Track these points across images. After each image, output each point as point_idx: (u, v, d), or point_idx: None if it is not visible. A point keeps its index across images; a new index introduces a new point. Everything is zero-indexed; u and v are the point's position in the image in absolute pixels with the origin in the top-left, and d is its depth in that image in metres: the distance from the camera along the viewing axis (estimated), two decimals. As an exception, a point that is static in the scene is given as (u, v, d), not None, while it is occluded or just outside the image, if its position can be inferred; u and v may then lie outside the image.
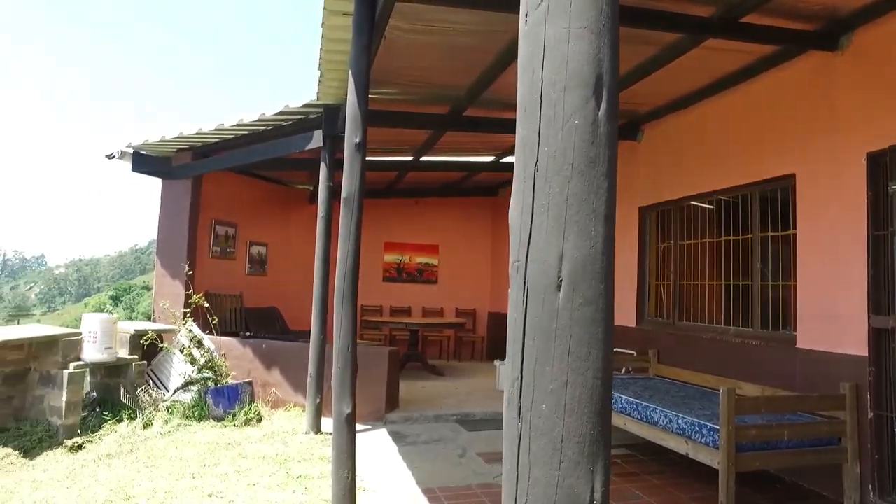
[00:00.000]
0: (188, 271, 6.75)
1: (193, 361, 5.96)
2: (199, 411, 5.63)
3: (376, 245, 10.03)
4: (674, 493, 3.85)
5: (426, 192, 10.14)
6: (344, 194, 3.33)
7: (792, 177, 4.33)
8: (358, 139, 3.33)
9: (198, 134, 6.21)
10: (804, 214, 4.20)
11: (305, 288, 6.70)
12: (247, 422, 5.48)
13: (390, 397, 5.78)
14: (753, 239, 4.78)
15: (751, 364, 4.54)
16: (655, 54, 4.41)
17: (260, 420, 5.62)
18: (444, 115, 5.88)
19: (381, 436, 5.12)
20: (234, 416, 5.53)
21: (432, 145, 6.93)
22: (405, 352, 8.23)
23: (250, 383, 5.99)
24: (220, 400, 5.64)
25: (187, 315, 6.43)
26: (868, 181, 3.68)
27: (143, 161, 7.07)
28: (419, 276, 10.54)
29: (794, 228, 4.30)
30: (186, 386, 5.93)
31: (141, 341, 6.00)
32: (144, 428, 5.27)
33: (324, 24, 3.83)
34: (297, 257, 9.05)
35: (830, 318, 3.88)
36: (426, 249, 10.59)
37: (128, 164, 7.05)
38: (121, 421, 5.33)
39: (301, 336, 6.86)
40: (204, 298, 6.33)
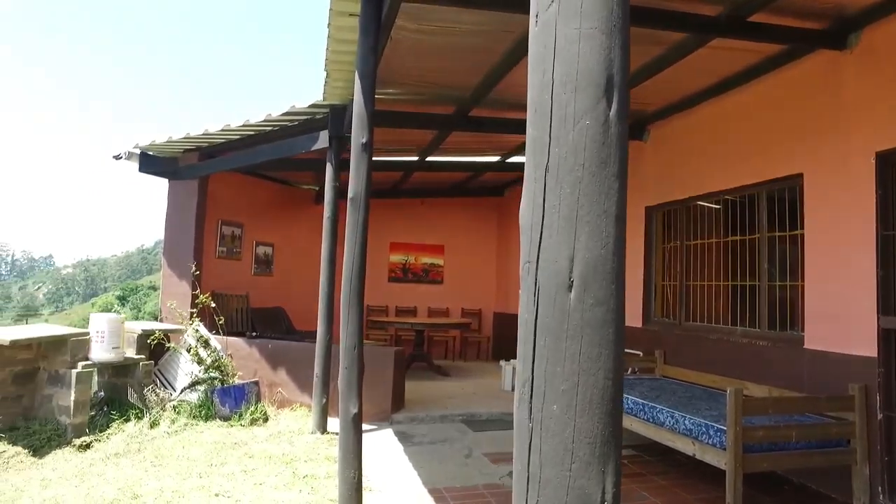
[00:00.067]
0: (195, 271, 6.78)
1: (200, 361, 5.98)
2: (206, 411, 5.65)
3: (382, 245, 10.04)
4: (681, 495, 3.84)
5: (432, 192, 10.13)
6: (350, 195, 3.34)
7: (799, 176, 4.31)
8: (364, 139, 3.33)
9: (204, 135, 6.23)
10: (812, 214, 4.18)
11: (311, 288, 6.71)
12: (253, 421, 5.50)
13: (396, 397, 5.78)
14: (760, 239, 4.76)
15: (758, 364, 4.51)
16: (662, 54, 4.40)
17: (266, 420, 5.64)
18: (449, 116, 5.88)
19: (387, 436, 5.13)
20: (240, 415, 5.55)
21: (438, 145, 6.94)
22: (411, 352, 8.24)
23: (256, 383, 6.01)
24: (227, 400, 5.66)
25: (194, 315, 6.45)
26: (877, 180, 3.65)
27: (150, 162, 7.10)
28: (425, 276, 10.55)
29: (802, 228, 4.27)
30: (193, 385, 5.96)
31: (148, 341, 6.03)
32: (152, 427, 5.29)
33: (330, 24, 3.83)
34: (302, 257, 9.07)
35: (839, 318, 3.86)
36: (432, 250, 10.59)
37: (135, 164, 7.08)
38: (128, 420, 5.35)
39: (307, 336, 6.87)
40: (210, 298, 6.36)
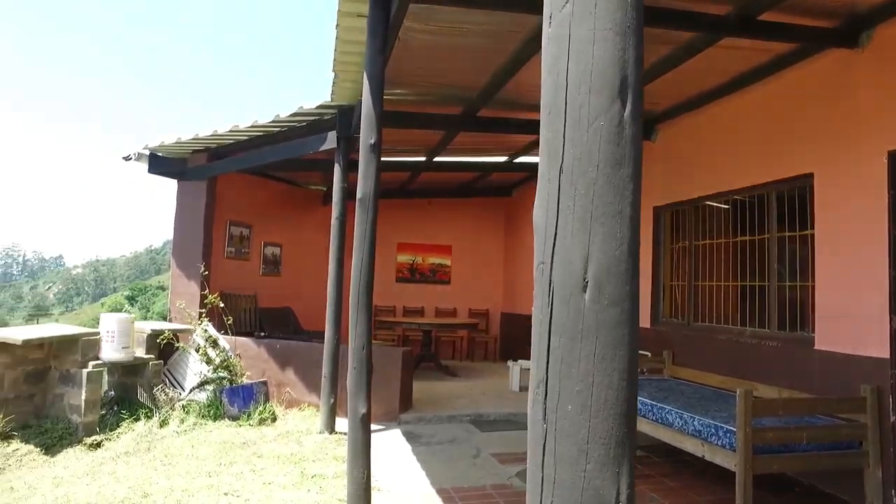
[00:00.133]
0: (204, 271, 6.81)
1: (209, 361, 6.02)
2: (215, 410, 5.68)
3: (389, 245, 10.05)
4: (690, 497, 3.82)
5: (439, 192, 10.14)
6: (359, 195, 3.35)
7: (810, 176, 4.28)
8: (373, 140, 3.34)
9: (213, 136, 6.26)
10: (822, 214, 4.14)
11: (319, 288, 6.73)
12: (262, 421, 5.52)
13: (404, 397, 5.78)
14: (770, 239, 4.73)
15: (767, 365, 4.48)
16: (670, 53, 4.38)
17: (274, 419, 5.66)
18: (457, 116, 5.88)
19: (395, 436, 5.13)
20: (249, 415, 5.58)
21: (445, 146, 6.94)
22: (418, 352, 8.25)
23: (265, 383, 6.04)
24: (236, 399, 5.69)
25: (203, 315, 6.49)
26: (889, 180, 3.62)
27: (159, 163, 7.15)
28: (432, 276, 10.55)
29: (812, 228, 4.24)
30: (202, 385, 5.99)
31: (157, 341, 6.07)
32: (161, 426, 5.33)
33: (338, 25, 3.85)
34: (310, 258, 9.10)
35: (850, 319, 3.82)
36: (439, 250, 10.59)
37: (144, 165, 7.13)
38: (138, 419, 5.39)
39: (315, 336, 6.89)
40: (219, 298, 6.39)
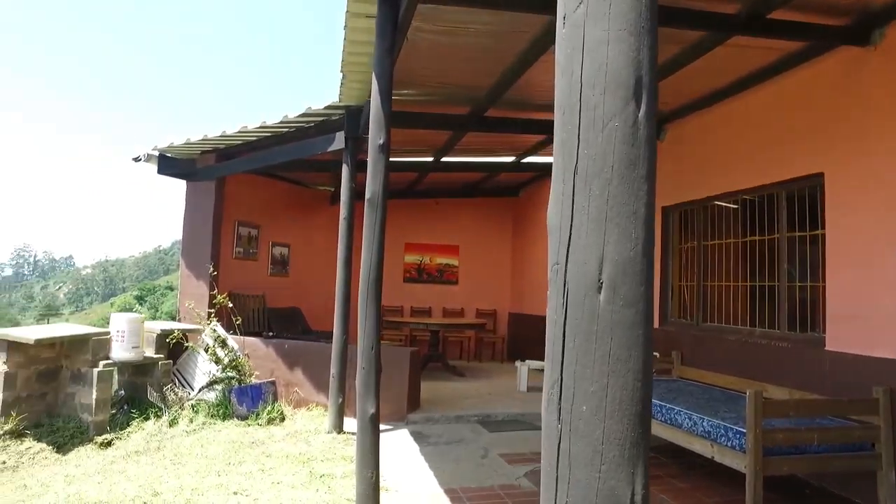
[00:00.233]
0: (212, 272, 6.85)
1: (218, 361, 6.05)
2: (224, 410, 5.71)
3: (397, 246, 10.07)
4: (700, 498, 3.80)
5: (447, 192, 10.14)
6: (368, 195, 3.35)
7: (820, 176, 4.25)
8: (381, 140, 3.35)
9: (222, 136, 6.30)
10: (833, 214, 4.11)
11: (327, 288, 6.76)
12: (270, 421, 5.54)
13: (412, 398, 5.79)
14: (780, 239, 4.70)
15: (777, 366, 4.46)
16: (679, 52, 4.37)
17: (283, 419, 5.68)
18: (464, 116, 5.88)
19: (403, 436, 5.14)
20: (257, 415, 5.60)
21: (453, 146, 6.94)
22: (426, 352, 8.25)
23: (273, 383, 6.06)
24: (244, 399, 5.72)
25: (212, 315, 6.52)
26: (901, 180, 3.59)
27: (168, 163, 7.19)
28: (440, 276, 10.56)
29: (823, 228, 4.21)
30: (211, 385, 6.03)
31: (167, 340, 6.11)
32: (171, 426, 5.36)
33: (346, 26, 3.86)
34: (318, 258, 9.13)
35: (862, 319, 3.79)
36: (446, 250, 10.60)
37: (154, 166, 7.17)
38: (148, 419, 5.43)
39: (323, 336, 6.91)
40: (228, 299, 6.42)
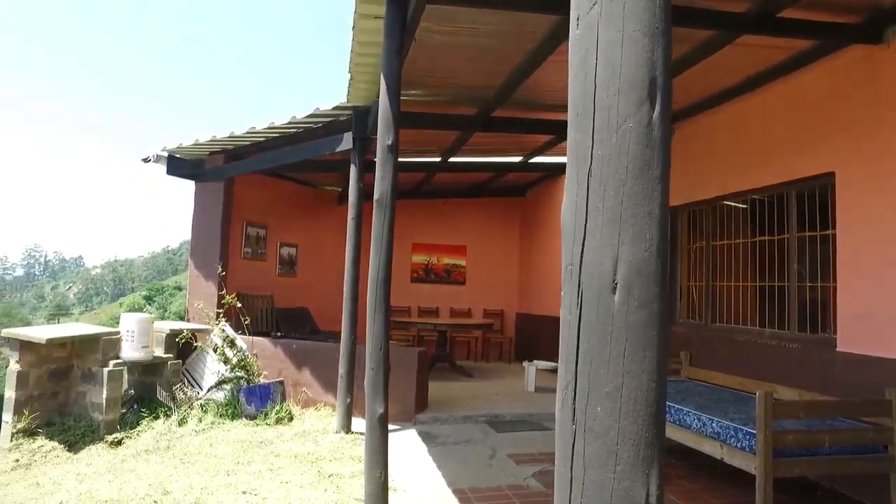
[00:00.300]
0: (221, 272, 6.88)
1: (226, 361, 6.08)
2: (232, 410, 5.74)
3: (404, 246, 10.07)
4: (708, 499, 3.78)
5: (454, 192, 10.14)
6: (376, 196, 3.36)
7: (831, 175, 4.21)
8: (390, 141, 3.36)
9: (230, 137, 6.33)
10: (844, 214, 4.08)
11: (335, 288, 6.76)
12: (278, 421, 5.56)
13: (419, 398, 5.80)
14: (790, 239, 4.67)
15: (787, 367, 4.43)
16: (688, 51, 4.34)
17: (291, 419, 5.70)
18: (472, 116, 5.88)
19: (411, 436, 5.14)
20: (265, 414, 5.63)
21: (461, 146, 6.94)
22: (433, 352, 8.26)
23: (281, 383, 6.08)
24: (253, 399, 5.74)
25: (220, 315, 6.55)
26: (914, 179, 3.56)
27: (177, 164, 7.24)
28: (447, 276, 10.56)
29: (834, 228, 4.18)
30: (220, 385, 6.06)
31: (176, 340, 6.14)
32: (180, 425, 5.40)
33: (354, 27, 3.87)
34: (326, 258, 9.15)
35: (874, 320, 3.76)
36: (454, 250, 10.60)
37: (163, 167, 7.22)
38: (157, 418, 5.47)
39: (331, 336, 6.93)
40: (236, 299, 6.45)
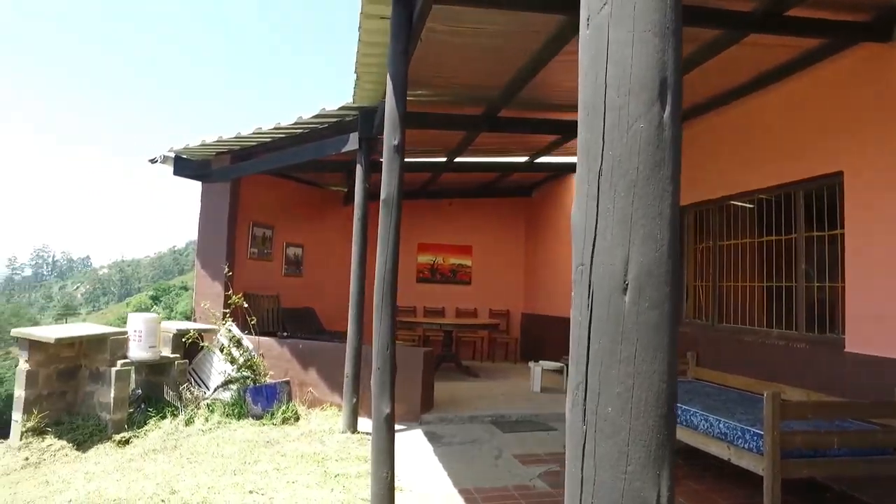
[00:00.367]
0: (227, 272, 6.90)
1: (233, 360, 6.10)
2: (239, 409, 5.75)
3: (410, 246, 10.08)
4: (715, 500, 3.77)
5: (460, 192, 10.14)
6: (383, 196, 3.36)
7: (839, 175, 4.19)
8: (396, 141, 3.36)
9: (237, 138, 6.35)
10: (853, 213, 4.05)
11: (340, 289, 6.78)
12: (284, 420, 5.58)
13: (425, 398, 5.80)
14: (797, 239, 4.64)
15: (795, 367, 4.40)
16: (694, 50, 4.32)
17: (297, 419, 5.71)
18: (478, 116, 5.87)
19: (417, 436, 5.15)
20: (272, 414, 5.64)
21: (466, 146, 6.94)
22: (439, 352, 8.25)
23: (288, 383, 6.10)
24: (259, 399, 5.76)
25: (227, 315, 6.58)
26: (923, 179, 3.53)
27: (183, 165, 7.26)
28: (453, 276, 10.56)
29: (842, 228, 4.15)
30: (226, 384, 6.08)
31: (183, 340, 6.17)
32: (187, 425, 5.42)
33: (360, 28, 3.88)
34: (331, 258, 9.17)
35: (883, 320, 3.73)
36: (460, 250, 10.60)
37: (170, 168, 7.25)
38: (164, 417, 5.50)
39: (337, 336, 6.94)
40: (243, 299, 6.47)
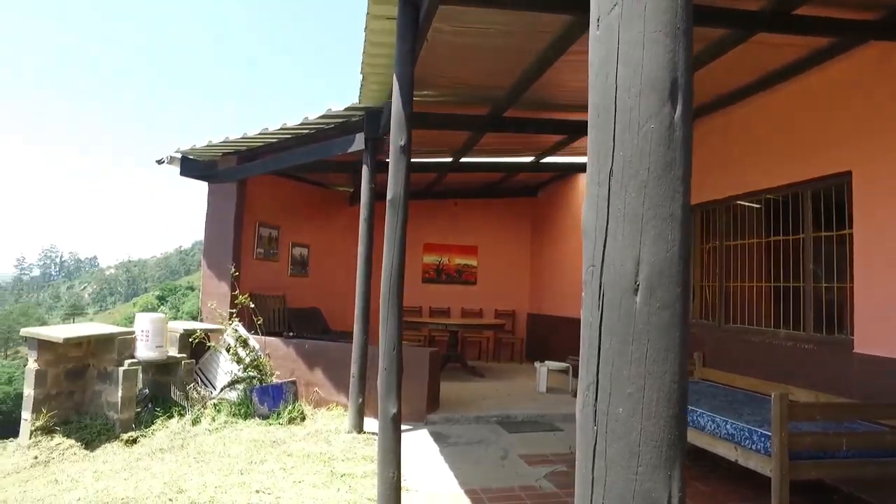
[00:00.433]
0: (234, 272, 6.92)
1: (239, 360, 6.12)
2: (245, 409, 5.77)
3: (416, 246, 10.09)
4: (722, 501, 3.75)
5: (465, 193, 10.14)
6: (389, 196, 3.37)
7: (847, 174, 4.16)
8: (403, 142, 3.37)
9: (243, 138, 6.37)
10: (862, 213, 4.03)
11: (346, 288, 6.79)
12: (291, 420, 5.59)
13: (431, 398, 5.80)
14: (805, 239, 4.61)
15: (803, 368, 4.38)
16: (702, 49, 4.31)
17: (303, 419, 5.73)
18: (483, 117, 5.87)
19: (423, 436, 5.15)
20: (278, 414, 5.66)
21: (472, 147, 6.94)
22: (445, 353, 8.26)
23: (294, 382, 6.11)
24: (265, 398, 5.78)
25: (233, 315, 6.60)
26: (933, 178, 3.51)
27: (190, 165, 7.30)
28: (458, 277, 10.57)
29: (850, 228, 4.13)
30: (232, 384, 6.10)
31: (189, 340, 6.20)
32: (194, 424, 5.44)
33: (366, 28, 3.88)
34: (337, 258, 9.19)
35: (892, 321, 3.71)
36: (465, 250, 10.60)
37: (176, 168, 7.29)
38: (171, 417, 5.52)
39: (342, 336, 6.95)
40: (249, 299, 6.49)
